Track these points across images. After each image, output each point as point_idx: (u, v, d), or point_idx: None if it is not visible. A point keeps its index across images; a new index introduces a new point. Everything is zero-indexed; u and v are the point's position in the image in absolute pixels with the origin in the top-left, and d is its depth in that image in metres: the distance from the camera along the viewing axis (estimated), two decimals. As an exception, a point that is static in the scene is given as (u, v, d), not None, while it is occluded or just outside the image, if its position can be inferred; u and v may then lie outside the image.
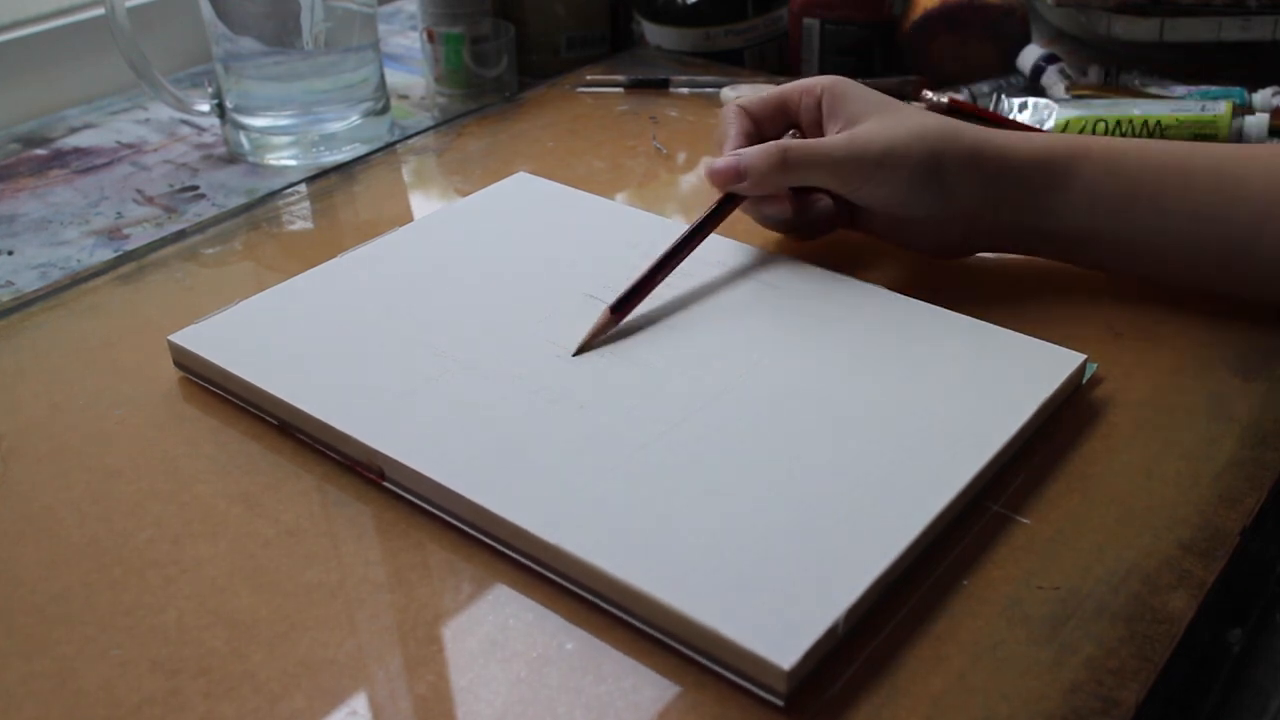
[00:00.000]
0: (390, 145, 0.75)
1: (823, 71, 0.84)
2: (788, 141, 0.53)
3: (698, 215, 0.55)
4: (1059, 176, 0.52)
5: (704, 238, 0.54)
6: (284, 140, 0.75)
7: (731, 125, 0.56)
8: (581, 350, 0.49)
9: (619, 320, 0.51)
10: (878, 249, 0.60)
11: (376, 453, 0.44)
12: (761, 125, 0.57)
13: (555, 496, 0.42)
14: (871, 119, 0.53)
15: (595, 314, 0.51)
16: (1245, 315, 0.53)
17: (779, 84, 0.79)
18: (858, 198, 0.54)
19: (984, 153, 0.52)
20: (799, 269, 0.55)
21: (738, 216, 0.56)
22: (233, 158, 0.77)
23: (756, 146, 0.53)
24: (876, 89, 0.79)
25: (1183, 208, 0.51)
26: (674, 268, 0.53)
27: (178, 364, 0.52)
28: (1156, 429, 0.47)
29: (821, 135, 0.56)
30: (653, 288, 0.52)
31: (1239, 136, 0.70)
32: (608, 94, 0.81)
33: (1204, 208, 0.51)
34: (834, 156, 0.52)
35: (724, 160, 0.54)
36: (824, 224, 0.58)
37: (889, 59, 0.86)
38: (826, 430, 0.45)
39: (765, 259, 0.56)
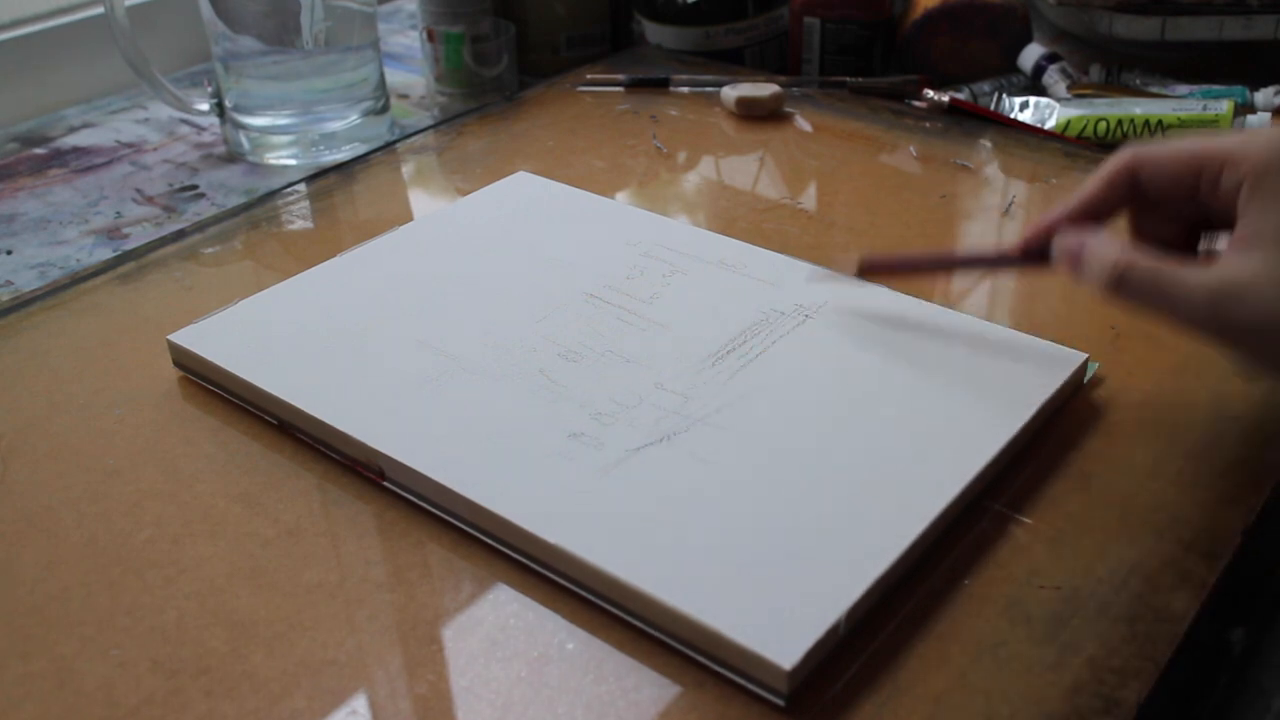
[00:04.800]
0: (390, 144, 0.75)
1: (824, 71, 0.84)
2: (1131, 260, 0.40)
3: (1002, 246, 0.46)
4: None
5: (993, 268, 0.48)
6: (284, 139, 0.75)
7: (1099, 176, 0.44)
8: (815, 277, 0.50)
9: (859, 278, 0.50)
10: (879, 247, 0.59)
11: (376, 453, 0.44)
12: (1146, 187, 0.43)
13: (556, 496, 0.41)
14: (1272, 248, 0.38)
15: (595, 313, 0.51)
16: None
17: (779, 83, 0.79)
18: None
19: None
20: (799, 268, 0.55)
21: (733, 214, 0.56)
22: (232, 157, 0.76)
23: (1105, 245, 0.42)
24: (877, 89, 0.80)
25: None
26: (941, 270, 0.49)
27: (177, 363, 0.52)
28: (1158, 428, 0.47)
29: (1230, 225, 0.41)
30: (909, 272, 0.49)
31: (1240, 135, 0.70)
32: (608, 93, 0.81)
33: None
34: (1188, 311, 0.39)
35: (1072, 240, 0.43)
36: None
37: (889, 58, 0.85)
38: (828, 429, 0.45)
39: (762, 257, 0.56)
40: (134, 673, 0.37)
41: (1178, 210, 0.43)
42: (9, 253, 0.66)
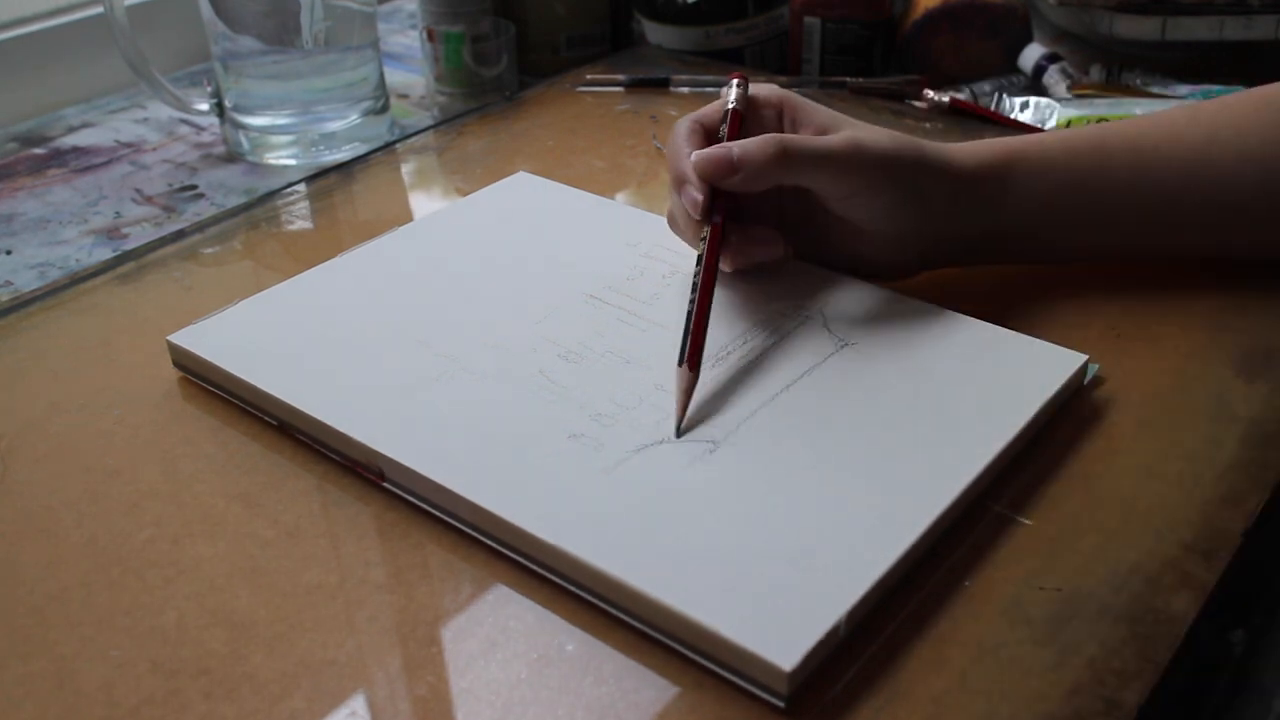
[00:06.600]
0: (390, 144, 0.75)
1: (824, 71, 0.84)
2: (786, 135, 0.50)
3: (697, 258, 0.50)
4: (1004, 181, 0.53)
5: (715, 273, 0.49)
6: (283, 139, 0.75)
7: (686, 138, 0.52)
8: (682, 428, 0.44)
9: (697, 375, 0.46)
10: (878, 248, 0.59)
11: (376, 453, 0.44)
12: (712, 139, 0.52)
13: (556, 497, 0.41)
14: (846, 129, 0.51)
15: (595, 314, 0.51)
16: (1247, 315, 0.53)
17: (779, 83, 0.79)
18: (845, 208, 0.51)
19: (949, 164, 0.52)
20: (799, 269, 0.55)
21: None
22: (232, 157, 0.76)
23: (752, 139, 0.49)
24: (877, 89, 0.80)
25: (1103, 185, 0.53)
26: (708, 308, 0.48)
27: (177, 364, 0.52)
28: (1158, 429, 0.47)
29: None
30: (703, 334, 0.47)
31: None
32: (608, 93, 0.81)
33: (1122, 182, 0.53)
34: (836, 155, 0.49)
35: (715, 150, 0.49)
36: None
37: (889, 58, 0.85)
38: (828, 430, 0.45)
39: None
40: (133, 673, 0.37)
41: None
42: (8, 253, 0.66)
